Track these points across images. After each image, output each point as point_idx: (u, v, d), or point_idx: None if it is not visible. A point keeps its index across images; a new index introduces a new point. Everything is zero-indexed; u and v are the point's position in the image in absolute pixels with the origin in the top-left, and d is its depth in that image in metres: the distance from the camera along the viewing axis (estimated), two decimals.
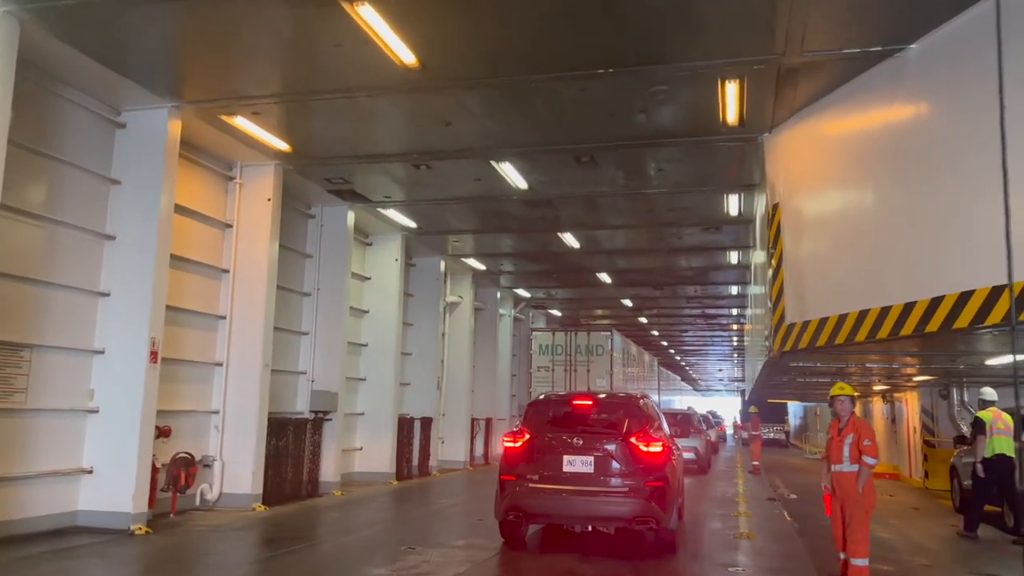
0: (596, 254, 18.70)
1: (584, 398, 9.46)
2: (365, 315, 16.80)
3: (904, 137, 8.05)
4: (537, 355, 25.20)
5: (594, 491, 8.10)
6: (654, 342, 39.12)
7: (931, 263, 7.54)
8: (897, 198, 8.08)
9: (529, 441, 8.50)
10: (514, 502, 8.34)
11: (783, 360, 11.09)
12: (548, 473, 8.23)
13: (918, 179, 7.75)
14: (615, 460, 8.21)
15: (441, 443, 20.22)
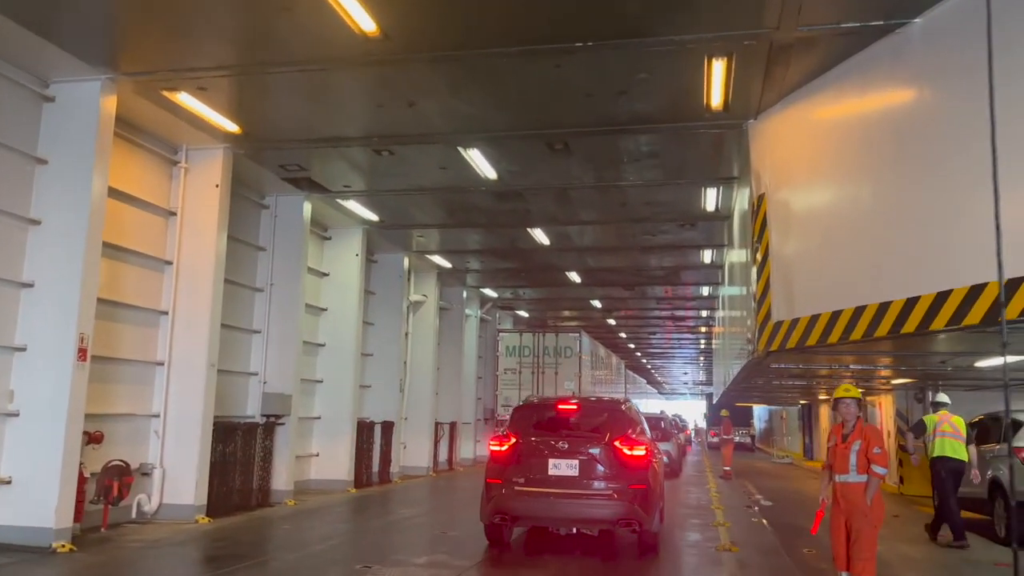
0: (566, 252, 18.00)
1: (569, 402, 9.48)
2: (323, 313, 15.89)
3: (905, 122, 7.46)
4: (504, 357, 24.48)
5: (579, 494, 8.24)
6: (622, 344, 38.62)
7: (936, 258, 6.94)
8: (898, 189, 7.48)
9: (515, 445, 8.58)
10: (500, 505, 8.40)
11: (766, 361, 10.48)
12: (534, 476, 8.33)
13: (922, 168, 7.16)
14: (599, 463, 8.33)
15: (403, 448, 19.35)
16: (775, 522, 11.91)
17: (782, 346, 8.89)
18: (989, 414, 12.38)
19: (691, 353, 43.91)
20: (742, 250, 12.76)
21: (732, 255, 15.71)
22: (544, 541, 9.69)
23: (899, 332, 7.18)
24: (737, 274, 14.15)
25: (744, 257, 12.87)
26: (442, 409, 21.79)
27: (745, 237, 12.17)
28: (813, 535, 6.99)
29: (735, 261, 14.81)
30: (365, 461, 16.37)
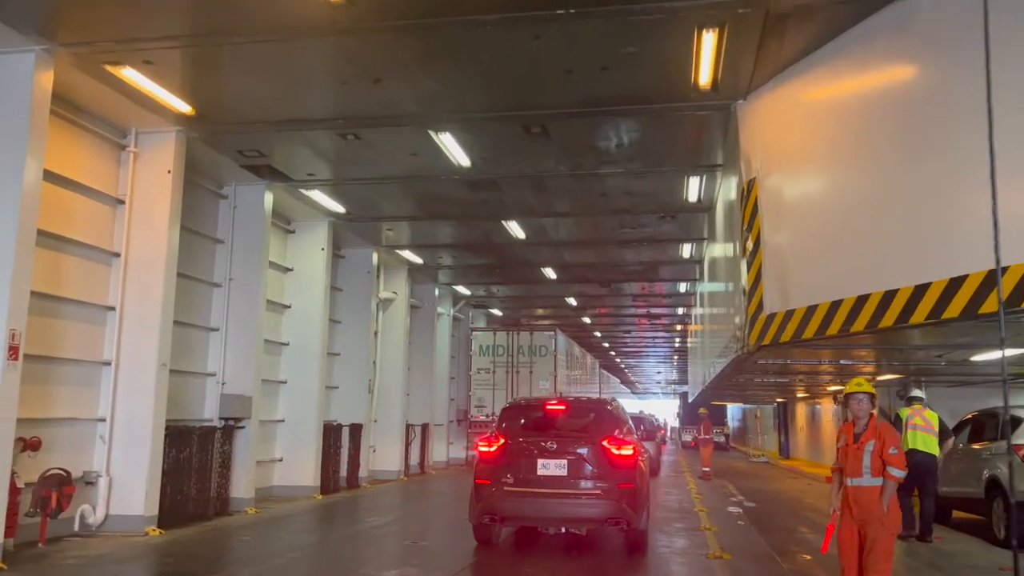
0: (542, 246, 17.38)
1: (557, 403, 9.59)
2: (286, 310, 15.09)
3: (908, 100, 6.95)
4: (477, 356, 23.85)
5: (568, 494, 8.28)
6: (596, 343, 38.12)
7: (944, 245, 6.44)
8: (901, 173, 6.97)
9: (504, 445, 8.60)
10: (489, 505, 8.44)
11: (755, 356, 9.94)
12: (523, 476, 8.34)
13: (928, 152, 6.65)
14: (588, 463, 8.37)
15: (372, 452, 18.58)
16: (763, 525, 11.38)
17: (775, 340, 8.34)
18: (984, 410, 11.98)
19: (665, 352, 43.59)
20: (727, 244, 12.24)
21: (714, 249, 15.20)
22: (532, 542, 9.41)
23: (907, 322, 6.67)
24: (720, 269, 13.63)
25: (728, 251, 12.35)
26: (413, 411, 21.05)
27: (730, 229, 11.65)
28: (823, 553, 6.41)
29: (717, 256, 14.30)
30: (332, 466, 15.60)
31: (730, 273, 11.96)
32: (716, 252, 14.73)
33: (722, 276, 13.57)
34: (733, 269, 11.72)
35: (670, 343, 38.38)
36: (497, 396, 23.38)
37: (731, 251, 11.95)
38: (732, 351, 11.44)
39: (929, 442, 10.07)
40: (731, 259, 11.89)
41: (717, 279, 14.65)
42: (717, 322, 15.41)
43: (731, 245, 12.00)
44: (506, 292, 24.13)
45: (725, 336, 13.66)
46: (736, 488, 17.99)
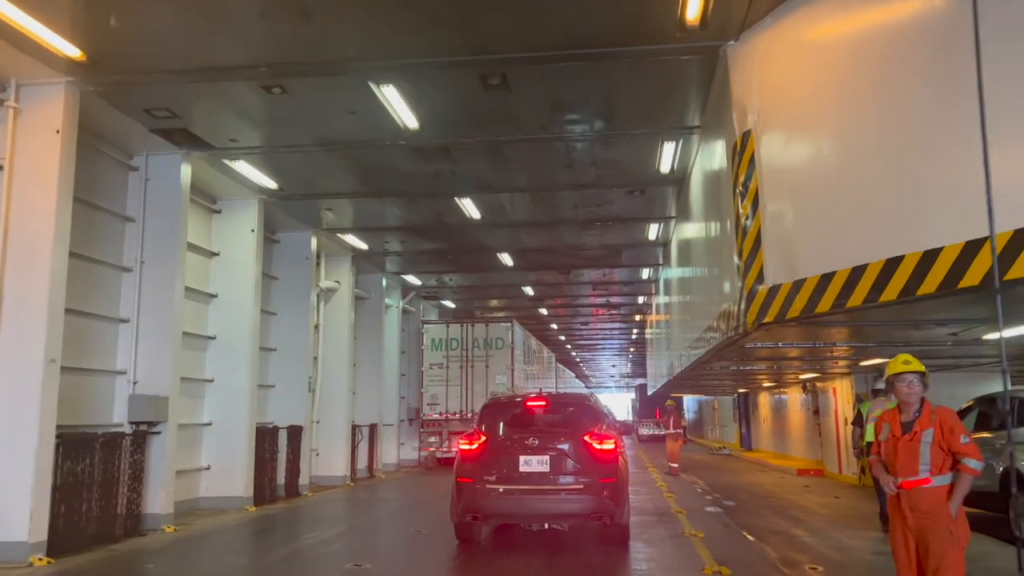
0: (498, 228, 15.99)
1: (538, 399, 9.45)
2: (212, 300, 13.39)
3: (946, 30, 5.74)
4: (429, 351, 22.38)
5: (551, 489, 8.24)
6: (552, 337, 36.90)
7: (995, 197, 5.26)
8: (940, 115, 5.77)
9: (485, 443, 8.59)
10: (471, 504, 8.38)
11: (748, 339, 8.72)
12: (505, 473, 8.30)
13: (968, 88, 5.44)
14: (570, 458, 8.35)
15: (315, 456, 16.99)
16: (752, 528, 10.20)
17: (780, 316, 7.10)
18: (982, 397, 11.02)
19: (621, 344, 42.64)
20: (705, 222, 11.07)
21: (685, 230, 14.03)
22: (513, 543, 9.01)
23: (954, 287, 5.46)
24: (696, 251, 12.45)
25: (706, 231, 11.18)
26: (360, 410, 19.45)
27: (711, 204, 10.46)
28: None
29: (692, 237, 13.13)
30: (268, 473, 13.96)
31: (712, 255, 10.78)
32: (689, 233, 13.55)
33: (699, 259, 12.39)
34: (715, 250, 10.53)
35: (627, 335, 37.39)
36: (451, 393, 21.98)
37: (711, 231, 10.75)
38: (715, 337, 10.23)
39: None
40: (712, 240, 10.70)
41: (691, 263, 13.49)
42: (690, 310, 14.25)
43: (711, 224, 10.81)
44: (459, 282, 22.67)
45: (700, 324, 12.50)
46: (707, 484, 16.90)
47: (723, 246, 9.75)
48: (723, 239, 9.64)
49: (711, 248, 10.87)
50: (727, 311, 8.73)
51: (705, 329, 11.65)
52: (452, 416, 21.85)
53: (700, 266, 12.34)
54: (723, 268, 9.73)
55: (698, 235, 12.32)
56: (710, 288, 11.22)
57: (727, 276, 9.29)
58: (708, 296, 11.40)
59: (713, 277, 10.96)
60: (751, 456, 26.75)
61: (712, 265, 10.96)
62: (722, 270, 9.86)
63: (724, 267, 9.64)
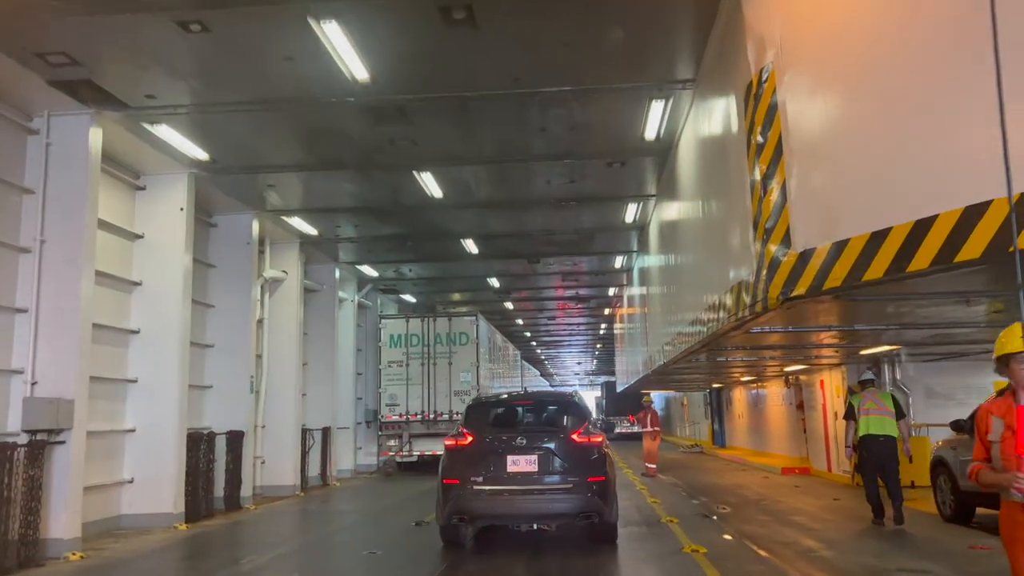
0: (463, 210, 14.52)
1: (523, 398, 9.77)
2: (136, 289, 11.71)
3: None
4: (387, 347, 20.80)
5: (539, 489, 8.15)
6: (518, 333, 35.51)
7: None
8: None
9: (471, 444, 8.44)
10: (459, 505, 8.24)
11: (759, 321, 7.41)
12: (492, 474, 8.18)
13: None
14: (558, 457, 8.27)
15: (261, 464, 15.35)
16: (758, 540, 8.91)
17: (815, 287, 5.77)
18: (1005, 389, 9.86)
19: (587, 340, 41.44)
20: (702, 199, 9.78)
21: (669, 210, 12.76)
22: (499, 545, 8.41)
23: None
24: (685, 233, 11.16)
25: (699, 208, 9.90)
26: (311, 413, 17.84)
27: (708, 171, 9.16)
28: None
29: (676, 218, 11.87)
30: (204, 485, 12.30)
31: (706, 236, 9.49)
32: (673, 213, 12.28)
33: (686, 243, 11.10)
34: (710, 230, 9.25)
35: (594, 330, 36.17)
36: (411, 392, 20.43)
37: (704, 208, 9.46)
38: (712, 325, 8.93)
39: (886, 424, 9.80)
40: (706, 218, 9.42)
41: (675, 248, 12.21)
42: (674, 299, 12.97)
43: (704, 201, 9.53)
44: (420, 273, 21.11)
45: (686, 314, 11.22)
46: (690, 486, 15.66)
47: (723, 222, 8.46)
48: (724, 213, 8.35)
49: (704, 228, 9.58)
50: (741, 286, 7.38)
51: (692, 321, 10.38)
52: (413, 417, 20.30)
53: (687, 251, 11.05)
54: (720, 249, 8.45)
55: (686, 215, 11.03)
56: (700, 274, 9.95)
57: (728, 256, 8.00)
58: (698, 283, 10.12)
59: (704, 262, 9.69)
60: (726, 454, 25.69)
61: (704, 248, 9.68)
62: (719, 252, 8.57)
63: (721, 248, 8.35)
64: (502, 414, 9.27)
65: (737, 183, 7.38)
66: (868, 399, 10.05)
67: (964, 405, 15.12)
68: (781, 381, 20.39)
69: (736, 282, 7.45)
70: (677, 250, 12.05)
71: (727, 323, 8.13)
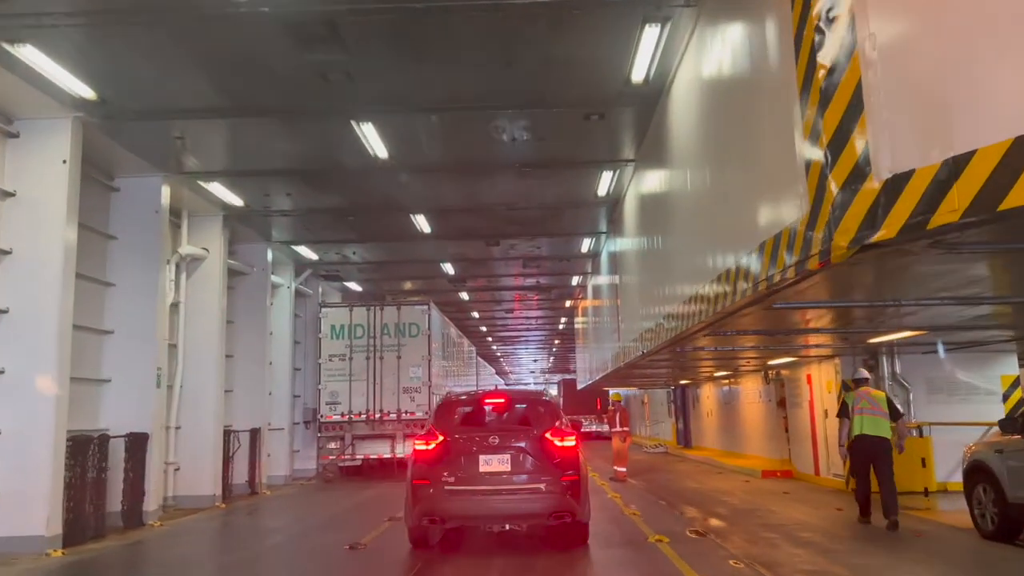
0: (412, 175, 12.55)
1: (495, 396, 9.36)
2: (3, 258, 9.48)
3: None
4: (329, 339, 18.73)
5: (512, 489, 8.00)
6: (473, 327, 33.56)
7: None
8: None
9: (442, 443, 8.19)
10: (429, 506, 8.00)
11: (799, 288, 5.65)
12: (464, 474, 7.99)
13: None
14: (531, 457, 8.11)
15: (175, 471, 13.18)
16: (777, 567, 7.16)
17: (914, 224, 4.00)
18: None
19: (546, 336, 39.67)
20: (693, 162, 8.02)
21: (652, 180, 11.02)
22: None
23: None
24: (677, 204, 9.41)
25: (698, 171, 8.17)
26: (238, 412, 15.69)
27: (714, 122, 7.41)
28: None
29: (663, 189, 10.14)
30: (93, 500, 10.11)
31: (710, 201, 7.74)
32: (659, 183, 10.55)
33: (679, 216, 9.34)
34: (713, 196, 7.52)
35: (553, 324, 34.41)
36: (355, 389, 18.38)
37: (711, 167, 7.72)
38: (722, 300, 7.17)
39: (880, 424, 9.46)
40: (712, 183, 7.67)
41: (662, 223, 10.46)
42: (657, 281, 11.24)
43: (708, 162, 7.79)
44: (365, 256, 18.99)
45: (678, 288, 9.47)
46: (667, 493, 13.96)
47: (732, 185, 6.73)
48: (741, 163, 6.60)
49: (708, 193, 7.82)
50: (780, 239, 5.58)
51: (690, 299, 8.62)
52: (356, 417, 18.24)
53: (680, 222, 9.28)
54: (733, 210, 6.73)
55: (678, 181, 9.27)
56: (700, 242, 8.20)
57: (749, 210, 6.26)
58: (696, 253, 8.36)
59: (707, 226, 7.95)
60: (694, 454, 24.16)
61: (706, 213, 7.95)
62: (730, 212, 6.85)
63: (736, 206, 6.63)
64: (473, 412, 9.06)
65: (766, 119, 5.63)
66: (863, 398, 9.60)
67: (969, 402, 13.76)
68: (759, 377, 18.87)
69: (770, 236, 5.66)
70: (665, 223, 10.28)
71: (745, 296, 6.36)
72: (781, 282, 5.46)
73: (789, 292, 5.94)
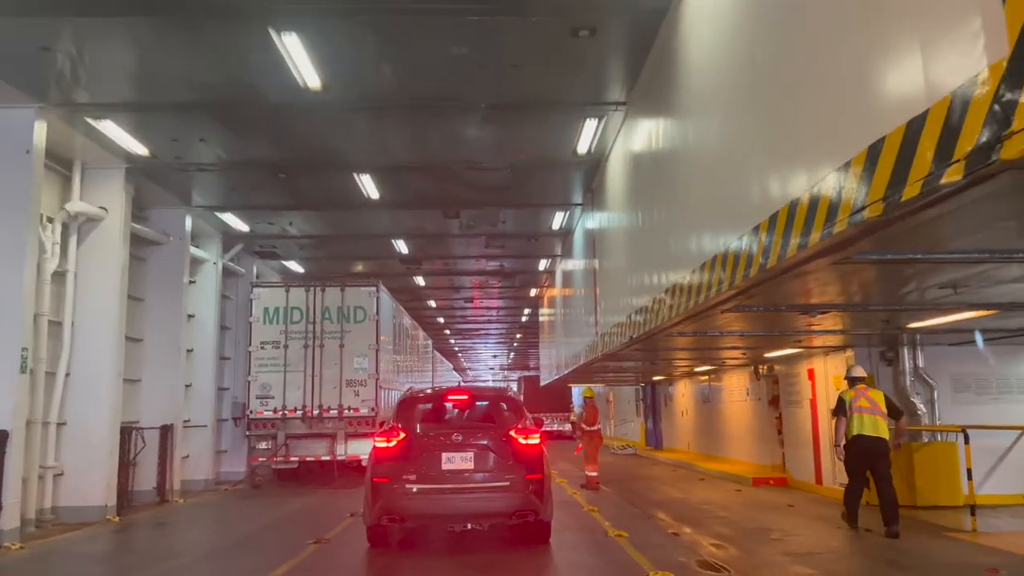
0: (354, 116, 10.24)
1: (459, 392, 9.47)
2: None
3: None
4: (261, 323, 16.30)
5: (475, 488, 7.95)
6: (430, 318, 31.23)
7: None
8: None
9: (404, 440, 8.11)
10: (389, 505, 7.91)
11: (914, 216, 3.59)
12: (426, 472, 7.92)
13: None
14: (495, 454, 8.05)
15: (56, 477, 10.72)
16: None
17: None
18: None
19: (507, 329, 37.50)
20: (728, 111, 5.95)
21: (655, 129, 8.91)
22: None
23: None
24: (688, 152, 7.30)
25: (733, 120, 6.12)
26: (147, 406, 13.27)
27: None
28: None
29: (679, 140, 8.01)
30: None
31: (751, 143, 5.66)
32: (662, 132, 8.45)
33: (701, 166, 7.26)
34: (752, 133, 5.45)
35: (516, 316, 32.26)
36: (291, 382, 15.98)
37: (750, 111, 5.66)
38: (763, 259, 5.09)
39: (879, 425, 9.06)
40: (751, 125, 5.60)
41: (666, 181, 8.37)
42: (656, 250, 9.17)
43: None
44: (305, 228, 16.54)
45: (675, 262, 7.42)
46: (648, 504, 11.94)
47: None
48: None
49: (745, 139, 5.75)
50: (879, 151, 3.51)
51: (702, 266, 6.55)
52: (291, 413, 15.85)
53: (695, 185, 7.20)
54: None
55: (696, 129, 7.19)
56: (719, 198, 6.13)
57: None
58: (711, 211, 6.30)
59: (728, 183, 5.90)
60: (666, 456, 22.22)
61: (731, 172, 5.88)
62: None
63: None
64: (436, 409, 9.01)
65: None
66: (861, 396, 9.18)
67: (1000, 401, 11.94)
68: (745, 373, 16.98)
69: (896, 124, 3.56)
70: (671, 183, 8.17)
71: (808, 246, 4.28)
72: (916, 200, 3.35)
73: (901, 228, 3.87)
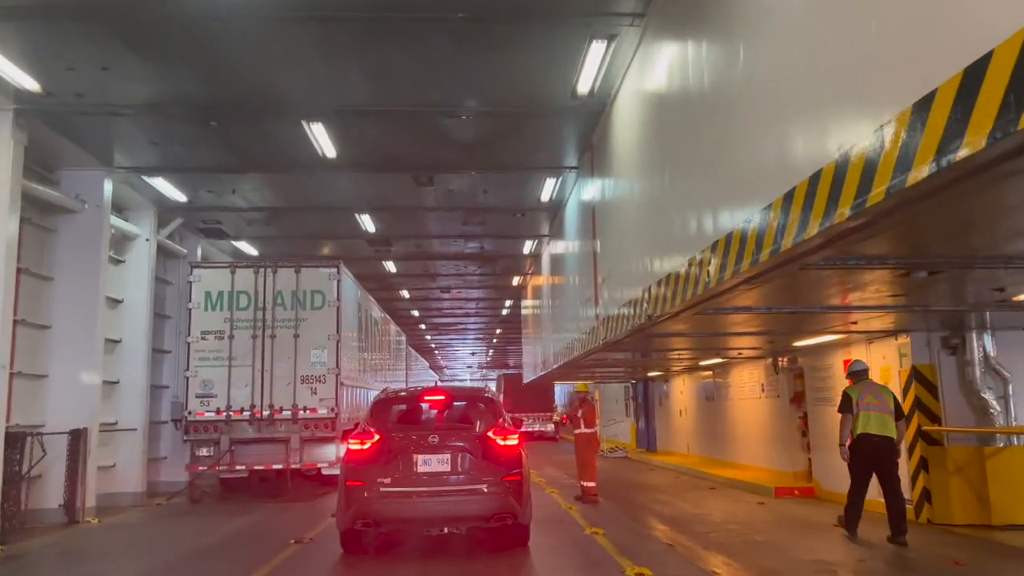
0: (296, 33, 8.02)
1: (435, 392, 9.03)
2: None
3: None
4: (202, 310, 14.00)
5: (451, 491, 7.77)
6: (403, 311, 28.94)
7: None
8: None
9: (378, 442, 7.91)
10: (363, 509, 7.75)
11: None
12: (401, 475, 7.75)
13: None
14: (472, 456, 7.86)
15: None
16: None
17: None
18: None
19: (487, 323, 35.30)
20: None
21: (663, 66, 6.78)
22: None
23: None
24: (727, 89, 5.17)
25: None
26: (51, 406, 10.91)
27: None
28: None
29: (696, 86, 5.90)
30: None
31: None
32: (686, 63, 6.33)
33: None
34: None
35: (496, 309, 30.08)
36: (236, 378, 13.69)
37: None
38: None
39: (887, 423, 8.58)
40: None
41: (684, 132, 6.24)
42: (655, 231, 7.06)
43: None
44: (252, 199, 14.16)
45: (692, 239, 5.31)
46: (660, 521, 9.85)
47: None
48: None
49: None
50: None
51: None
52: (237, 415, 13.54)
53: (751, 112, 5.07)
54: None
55: (753, 57, 5.07)
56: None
57: None
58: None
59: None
60: (663, 460, 20.17)
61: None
62: None
63: None
64: (411, 410, 8.76)
65: None
66: (868, 392, 8.85)
67: None
68: (761, 366, 14.96)
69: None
70: (712, 133, 6.05)
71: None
72: None
73: None
